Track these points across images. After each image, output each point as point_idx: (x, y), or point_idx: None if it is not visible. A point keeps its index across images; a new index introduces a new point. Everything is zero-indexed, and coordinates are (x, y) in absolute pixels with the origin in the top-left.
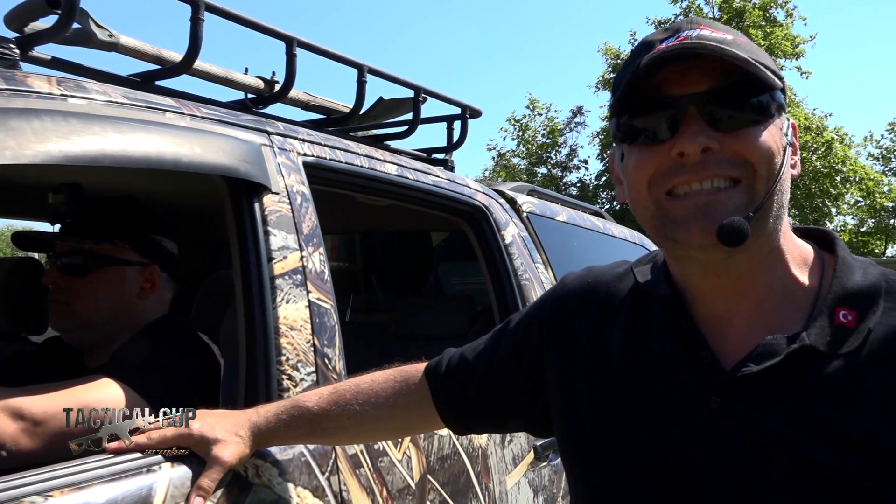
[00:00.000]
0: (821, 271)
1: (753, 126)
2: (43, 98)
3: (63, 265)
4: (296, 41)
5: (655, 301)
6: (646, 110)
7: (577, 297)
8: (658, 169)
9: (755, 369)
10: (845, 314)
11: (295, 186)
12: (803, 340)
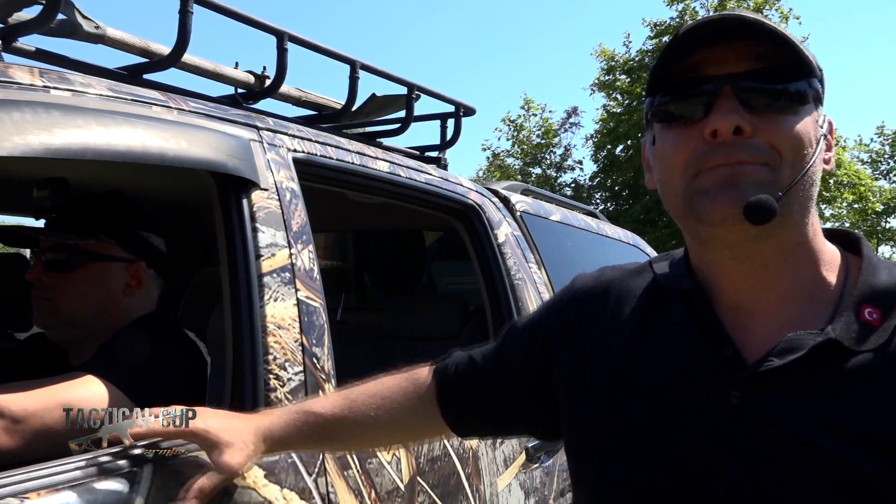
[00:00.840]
0: (846, 270)
1: (788, 112)
2: (24, 89)
3: (47, 261)
4: (287, 35)
5: (675, 295)
6: (681, 89)
7: (588, 296)
8: (693, 151)
9: (778, 364)
10: (870, 311)
11: (284, 183)
12: (828, 334)
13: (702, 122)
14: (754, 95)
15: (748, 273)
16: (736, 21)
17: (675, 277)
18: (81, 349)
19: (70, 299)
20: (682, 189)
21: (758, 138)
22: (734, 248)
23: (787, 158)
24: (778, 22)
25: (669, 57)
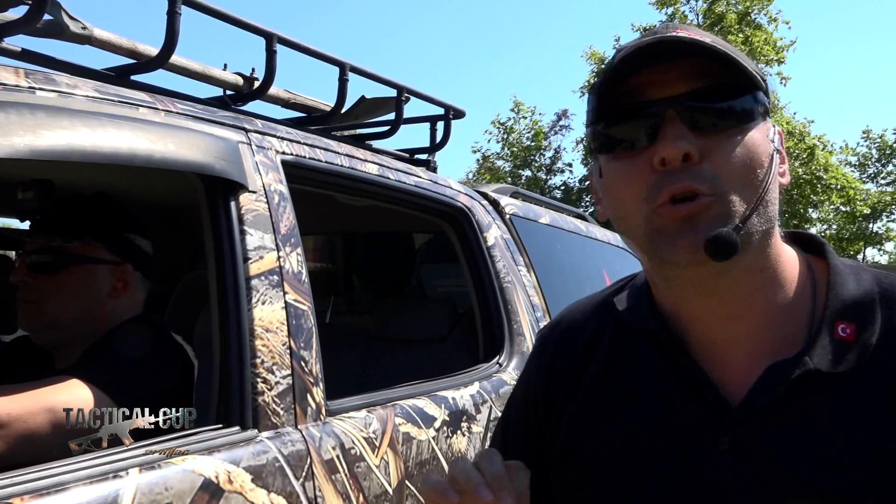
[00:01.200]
0: (813, 283)
1: (736, 130)
2: (9, 90)
3: (32, 263)
4: (276, 37)
5: (641, 333)
6: (623, 116)
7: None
8: (644, 183)
9: (764, 403)
10: (843, 328)
11: (273, 185)
12: (807, 365)
13: (648, 149)
14: (700, 116)
15: (717, 307)
16: (672, 42)
17: (639, 314)
18: (67, 352)
19: (55, 302)
20: (641, 227)
21: (707, 164)
22: (700, 286)
23: (734, 183)
24: (763, 25)
25: (608, 83)
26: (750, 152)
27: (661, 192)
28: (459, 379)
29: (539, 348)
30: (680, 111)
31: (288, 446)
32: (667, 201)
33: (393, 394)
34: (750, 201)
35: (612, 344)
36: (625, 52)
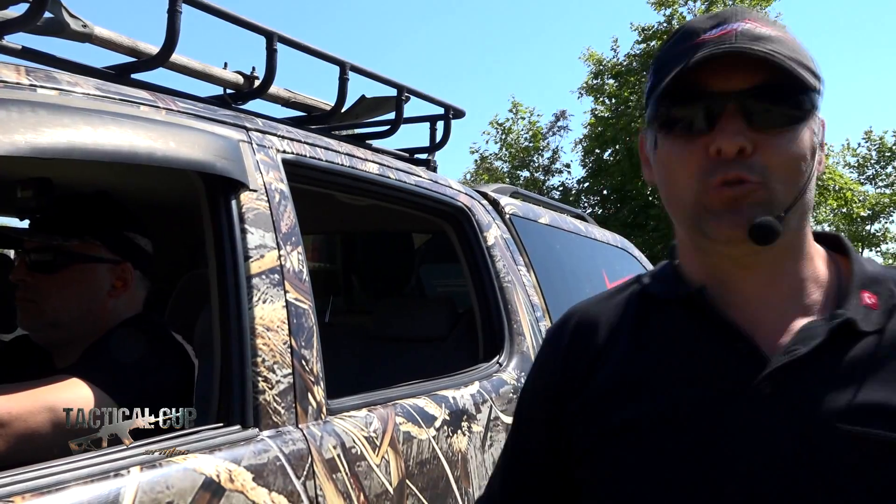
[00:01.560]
0: (837, 265)
1: (787, 128)
2: (10, 88)
3: (32, 262)
4: (276, 36)
5: (670, 305)
6: (686, 102)
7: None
8: (698, 166)
9: (803, 351)
10: (869, 296)
11: (273, 184)
12: (843, 315)
13: (705, 136)
14: (757, 113)
15: (752, 277)
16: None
17: (671, 286)
18: (66, 351)
19: (55, 301)
20: (690, 203)
21: (759, 156)
22: (739, 260)
23: (786, 177)
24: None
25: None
26: (798, 150)
27: (714, 177)
28: (460, 378)
29: (554, 338)
30: (740, 106)
31: (289, 445)
32: (718, 184)
33: (393, 393)
34: (793, 192)
35: (639, 319)
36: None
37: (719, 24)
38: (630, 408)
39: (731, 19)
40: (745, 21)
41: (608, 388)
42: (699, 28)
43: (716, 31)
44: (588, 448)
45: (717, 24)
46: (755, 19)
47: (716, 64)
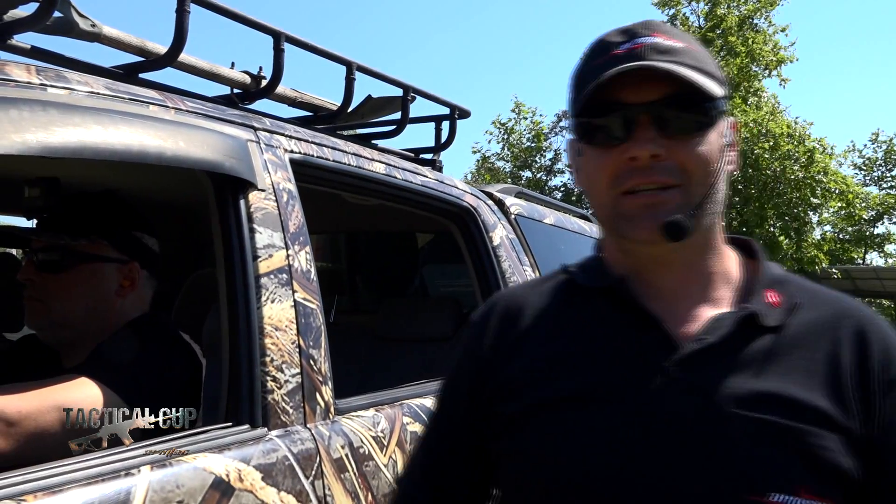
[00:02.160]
0: (746, 266)
1: (698, 134)
2: (21, 87)
3: (39, 261)
4: (283, 36)
5: (595, 292)
6: (603, 114)
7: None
8: (615, 171)
9: (711, 340)
10: (772, 295)
11: (281, 184)
12: (748, 309)
13: (622, 145)
14: (668, 121)
15: (669, 273)
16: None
17: (595, 276)
18: (74, 351)
19: (62, 300)
20: (608, 207)
21: (671, 160)
22: (657, 258)
23: (697, 177)
24: (763, 28)
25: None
26: (707, 151)
27: (629, 181)
28: None
29: (481, 320)
30: (652, 116)
31: (297, 445)
32: (630, 189)
33: (400, 393)
34: (703, 191)
35: (565, 305)
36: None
37: (630, 38)
38: (551, 385)
39: (640, 33)
40: (654, 35)
41: (532, 366)
42: (612, 42)
43: (626, 45)
44: (509, 421)
45: (628, 39)
46: (663, 32)
47: (627, 78)
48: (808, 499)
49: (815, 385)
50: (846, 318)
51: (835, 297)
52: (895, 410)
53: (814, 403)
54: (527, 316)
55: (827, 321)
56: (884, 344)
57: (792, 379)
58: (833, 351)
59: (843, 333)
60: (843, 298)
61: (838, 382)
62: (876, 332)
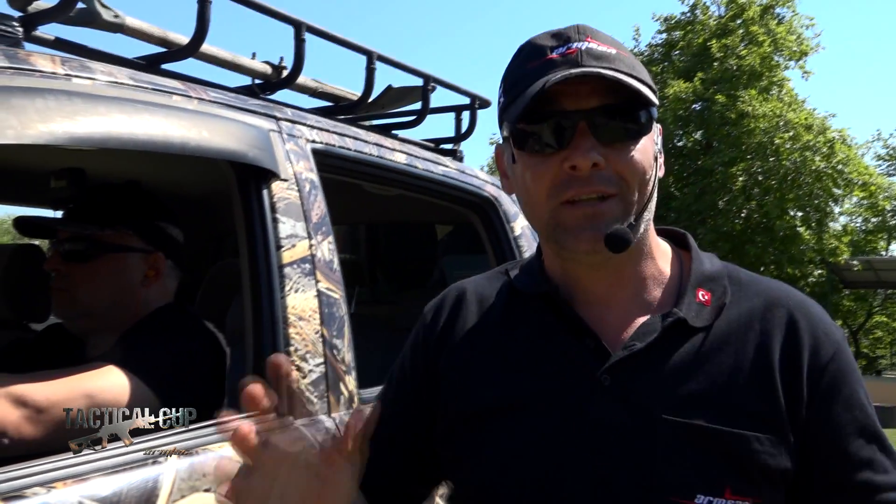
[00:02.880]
0: (679, 262)
1: (632, 140)
2: (47, 77)
3: (65, 252)
4: (304, 26)
5: (532, 298)
6: (540, 120)
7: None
8: (553, 180)
9: (640, 346)
10: (703, 293)
11: (304, 173)
12: (676, 314)
13: (559, 153)
14: (606, 130)
15: (603, 278)
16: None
17: (532, 281)
18: (99, 340)
19: (88, 290)
20: (545, 218)
21: (609, 169)
22: (592, 265)
23: (634, 185)
24: (785, 18)
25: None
26: (643, 158)
27: (568, 191)
28: None
29: (434, 313)
30: (590, 124)
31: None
32: (569, 200)
33: None
34: (642, 199)
35: (506, 309)
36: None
37: (563, 42)
38: (487, 394)
39: (573, 38)
40: (587, 40)
41: (468, 373)
42: (545, 46)
43: (561, 49)
44: (447, 430)
45: (562, 44)
46: (595, 37)
47: (567, 84)
48: (733, 499)
49: (743, 384)
50: (776, 308)
51: (765, 286)
52: (823, 398)
53: (740, 404)
54: (471, 315)
55: (756, 313)
56: (813, 331)
57: (720, 380)
58: (762, 343)
59: (774, 324)
60: (774, 287)
61: (768, 376)
62: (806, 319)
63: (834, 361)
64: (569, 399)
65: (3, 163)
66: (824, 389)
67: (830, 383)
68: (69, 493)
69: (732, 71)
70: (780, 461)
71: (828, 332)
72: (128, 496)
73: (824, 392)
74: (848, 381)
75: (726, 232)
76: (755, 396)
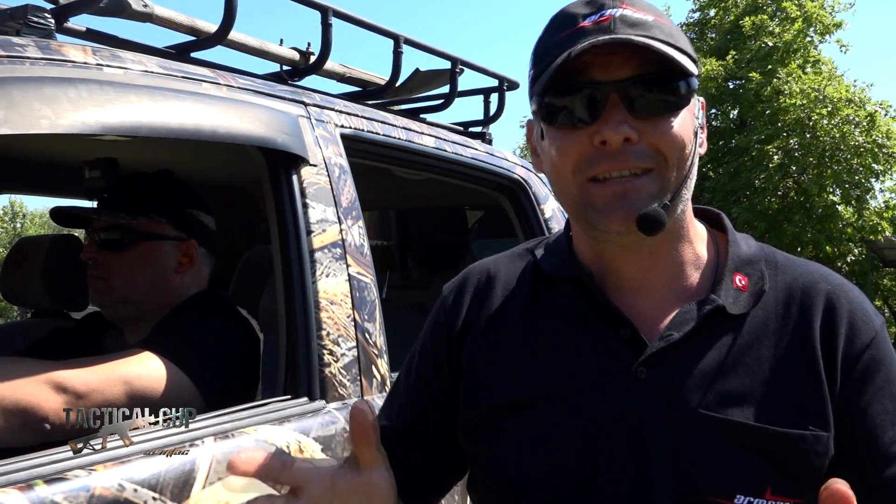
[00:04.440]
0: (715, 245)
1: (670, 114)
2: (79, 67)
3: (101, 241)
4: (331, 10)
5: (561, 282)
6: (568, 93)
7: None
8: (581, 156)
9: (677, 337)
10: (740, 278)
11: (333, 158)
12: (714, 302)
13: (589, 127)
14: (639, 102)
15: (638, 261)
16: (627, 42)
17: (561, 265)
18: (136, 327)
19: (124, 278)
20: (574, 195)
21: (643, 143)
22: (626, 246)
23: (672, 161)
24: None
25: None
26: (680, 132)
27: (597, 167)
28: None
29: (455, 296)
30: (622, 96)
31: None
32: (599, 177)
33: None
34: (679, 177)
35: (531, 293)
36: (582, 48)
37: (597, 10)
38: (514, 385)
39: (607, 4)
40: (622, 6)
41: (494, 363)
42: (577, 14)
43: (594, 17)
44: (471, 422)
45: (595, 11)
46: (632, 4)
47: (597, 54)
48: (773, 499)
49: (785, 375)
50: (815, 292)
51: (804, 269)
52: (855, 386)
53: (783, 398)
54: (495, 299)
55: (795, 298)
56: (851, 316)
57: (760, 372)
58: (802, 330)
59: (813, 309)
60: (813, 270)
61: (811, 365)
62: (844, 304)
63: (870, 349)
64: (602, 392)
65: (40, 155)
66: (857, 378)
67: (864, 371)
68: (109, 475)
69: (766, 49)
70: (823, 457)
71: (866, 319)
72: (166, 478)
73: (857, 380)
74: (884, 369)
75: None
76: (799, 389)
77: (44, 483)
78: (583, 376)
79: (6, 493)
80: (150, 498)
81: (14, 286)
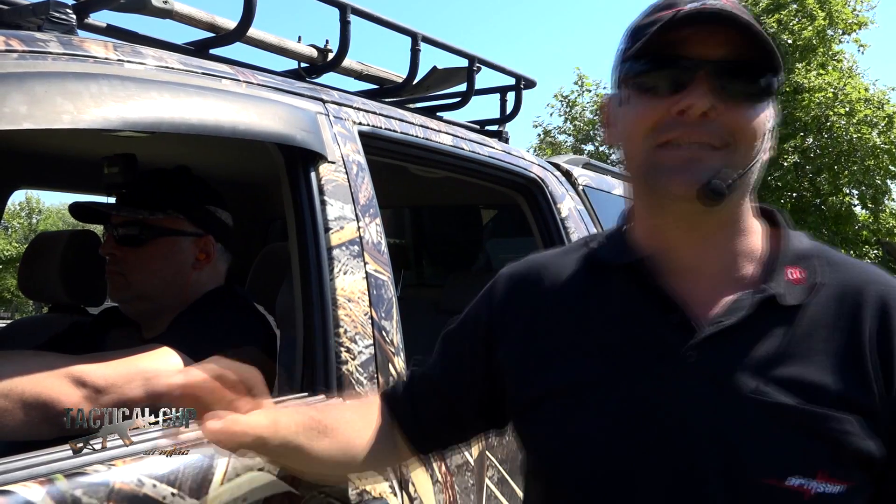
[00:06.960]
0: (769, 240)
1: (751, 103)
2: (100, 63)
3: (119, 236)
4: (349, 8)
5: (616, 269)
6: (661, 64)
7: (522, 279)
8: (659, 121)
9: (728, 323)
10: (793, 272)
11: (351, 156)
12: (767, 291)
13: (672, 97)
14: (726, 83)
15: (694, 240)
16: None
17: (617, 251)
18: (154, 322)
19: (142, 273)
20: (642, 157)
21: (720, 121)
22: (683, 218)
23: (742, 145)
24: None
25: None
26: (756, 124)
27: (670, 133)
28: None
29: (507, 283)
30: (711, 73)
31: None
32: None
33: None
34: (745, 163)
35: (584, 281)
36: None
37: None
38: (568, 370)
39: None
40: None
41: (547, 349)
42: (678, 1)
43: (695, 4)
44: (524, 407)
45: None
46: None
47: (693, 31)
48: (825, 482)
49: (836, 365)
50: (868, 290)
51: (859, 268)
52: None
53: (833, 386)
54: (549, 289)
55: (849, 295)
56: None
57: (812, 361)
58: (855, 325)
59: (866, 306)
60: (868, 269)
61: (860, 359)
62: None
63: None
64: (650, 376)
65: (59, 150)
66: None
67: None
68: (129, 471)
69: (786, 46)
70: (872, 447)
71: None
72: (184, 475)
73: None
74: None
75: None
76: (847, 380)
77: (64, 477)
78: (631, 361)
79: (27, 486)
80: (170, 493)
81: (32, 281)
